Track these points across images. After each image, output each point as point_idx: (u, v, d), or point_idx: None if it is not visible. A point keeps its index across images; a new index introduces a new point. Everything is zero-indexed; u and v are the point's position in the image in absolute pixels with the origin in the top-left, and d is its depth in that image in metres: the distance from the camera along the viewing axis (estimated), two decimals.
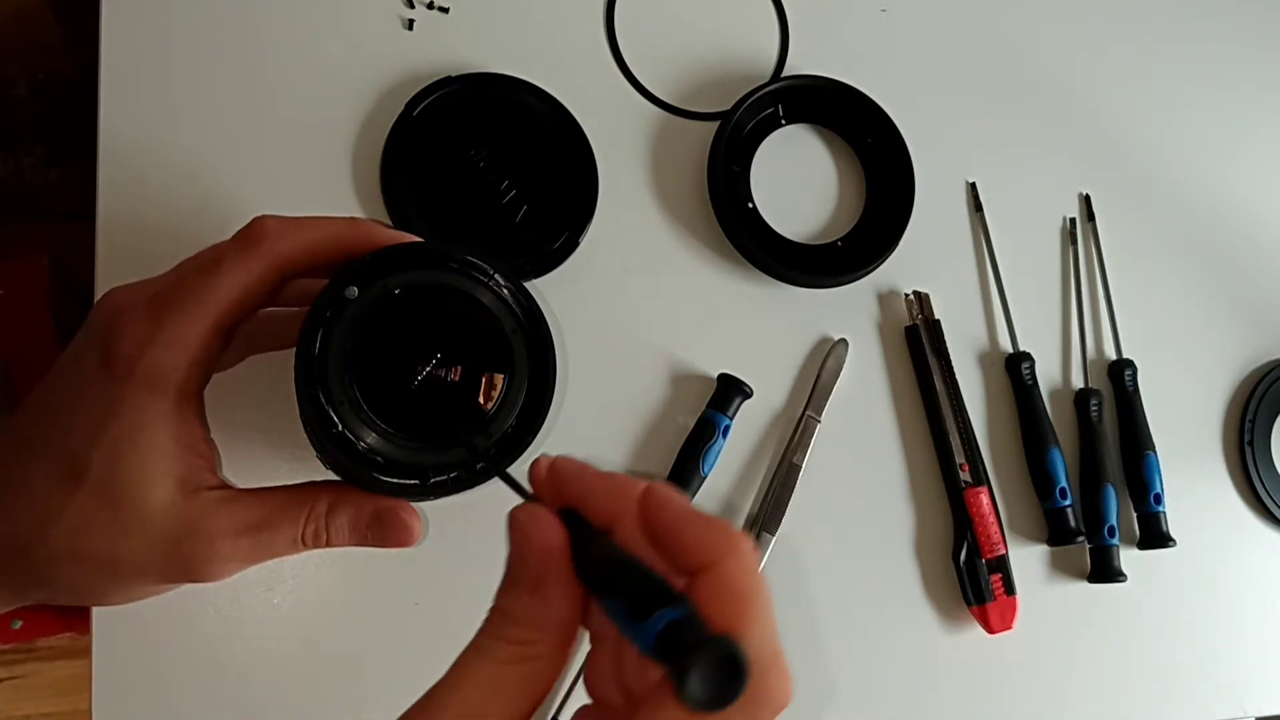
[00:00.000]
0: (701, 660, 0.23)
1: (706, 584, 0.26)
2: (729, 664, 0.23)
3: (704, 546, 0.26)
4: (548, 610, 0.27)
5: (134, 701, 0.47)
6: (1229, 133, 0.72)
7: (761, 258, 0.59)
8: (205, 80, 0.54)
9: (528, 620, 0.27)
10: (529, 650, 0.27)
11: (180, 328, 0.34)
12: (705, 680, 0.23)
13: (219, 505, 0.35)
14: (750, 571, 0.26)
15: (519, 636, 0.27)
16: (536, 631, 0.27)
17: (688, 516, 0.27)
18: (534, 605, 0.27)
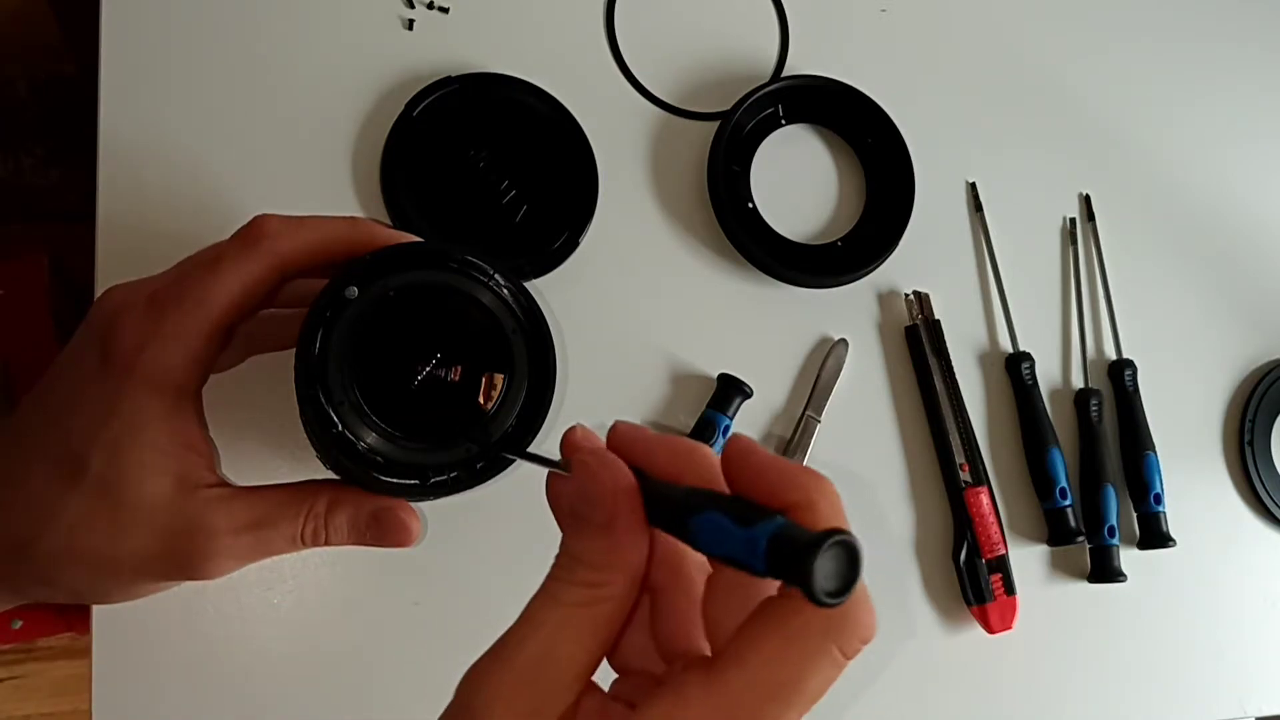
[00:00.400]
0: (827, 551, 0.23)
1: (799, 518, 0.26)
2: (847, 556, 0.23)
3: (796, 486, 0.26)
4: (618, 549, 0.27)
5: (134, 701, 0.47)
6: (1229, 133, 0.72)
7: (761, 258, 0.59)
8: (205, 80, 0.54)
9: (597, 561, 0.27)
10: (599, 592, 0.26)
11: (179, 326, 0.34)
12: (829, 575, 0.23)
13: (218, 503, 0.35)
14: (838, 508, 0.26)
15: (588, 579, 0.27)
16: (606, 573, 0.27)
17: (778, 460, 0.27)
18: (603, 545, 0.27)
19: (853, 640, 0.25)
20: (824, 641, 0.25)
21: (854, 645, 0.25)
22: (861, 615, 0.26)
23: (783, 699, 0.24)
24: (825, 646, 0.25)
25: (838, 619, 0.25)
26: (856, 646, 0.25)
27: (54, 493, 0.34)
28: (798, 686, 0.24)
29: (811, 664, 0.24)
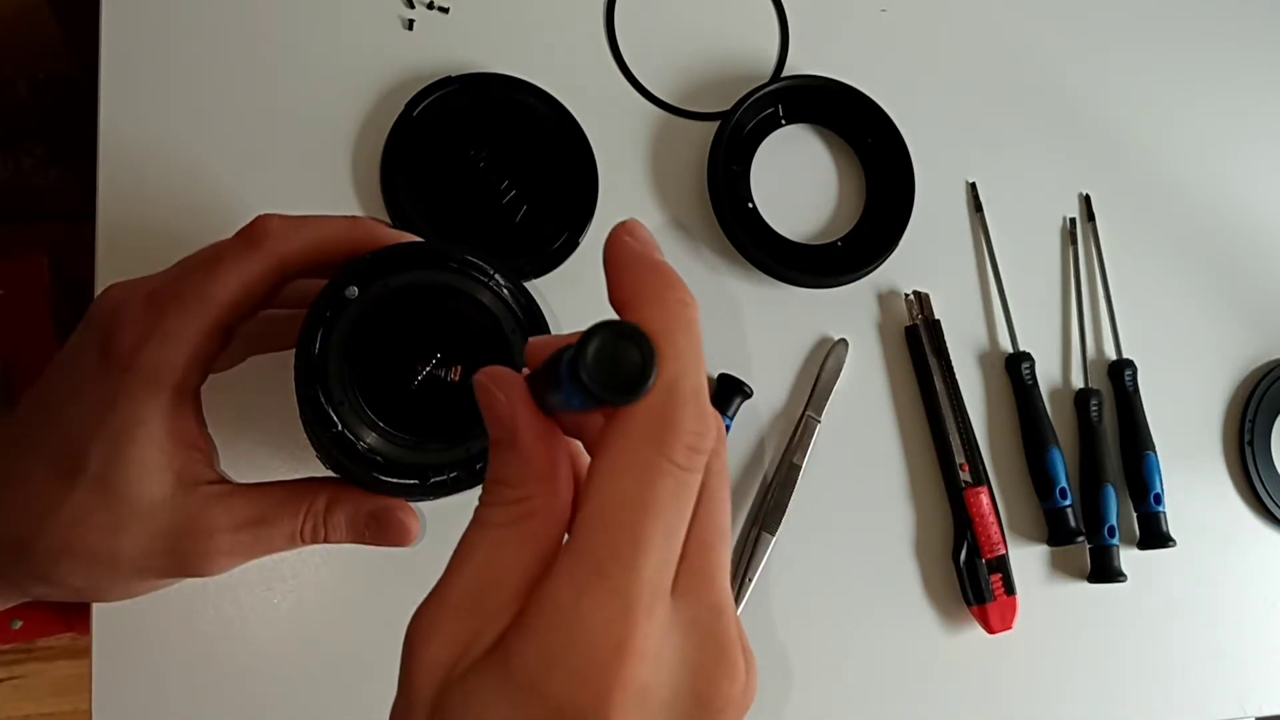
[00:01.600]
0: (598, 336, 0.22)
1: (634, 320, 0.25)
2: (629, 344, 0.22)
3: (634, 288, 0.26)
4: (528, 460, 0.26)
5: (134, 701, 0.47)
6: (1229, 133, 0.72)
7: (761, 258, 0.59)
8: (205, 80, 0.54)
9: (514, 477, 0.27)
10: (524, 508, 0.26)
11: (179, 324, 0.34)
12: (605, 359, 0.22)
13: (217, 500, 0.35)
14: (673, 317, 0.26)
15: (510, 496, 0.26)
16: (525, 486, 0.26)
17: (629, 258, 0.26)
18: (515, 459, 0.27)
19: (677, 445, 0.24)
20: (649, 454, 0.24)
21: (679, 450, 0.24)
22: (680, 417, 0.24)
23: (629, 524, 0.24)
24: (652, 460, 0.24)
25: (653, 427, 0.24)
26: (684, 453, 0.24)
27: (53, 490, 0.34)
28: (638, 505, 0.24)
29: (644, 482, 0.24)
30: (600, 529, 0.24)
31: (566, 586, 0.24)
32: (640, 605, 0.24)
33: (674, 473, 0.24)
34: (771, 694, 0.56)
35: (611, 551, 0.24)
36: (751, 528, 0.56)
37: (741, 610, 0.55)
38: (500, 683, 0.24)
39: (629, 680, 0.24)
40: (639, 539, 0.24)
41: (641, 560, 0.24)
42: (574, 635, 0.24)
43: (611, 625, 0.24)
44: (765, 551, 0.56)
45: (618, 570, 0.24)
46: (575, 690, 0.24)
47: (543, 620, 0.24)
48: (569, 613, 0.24)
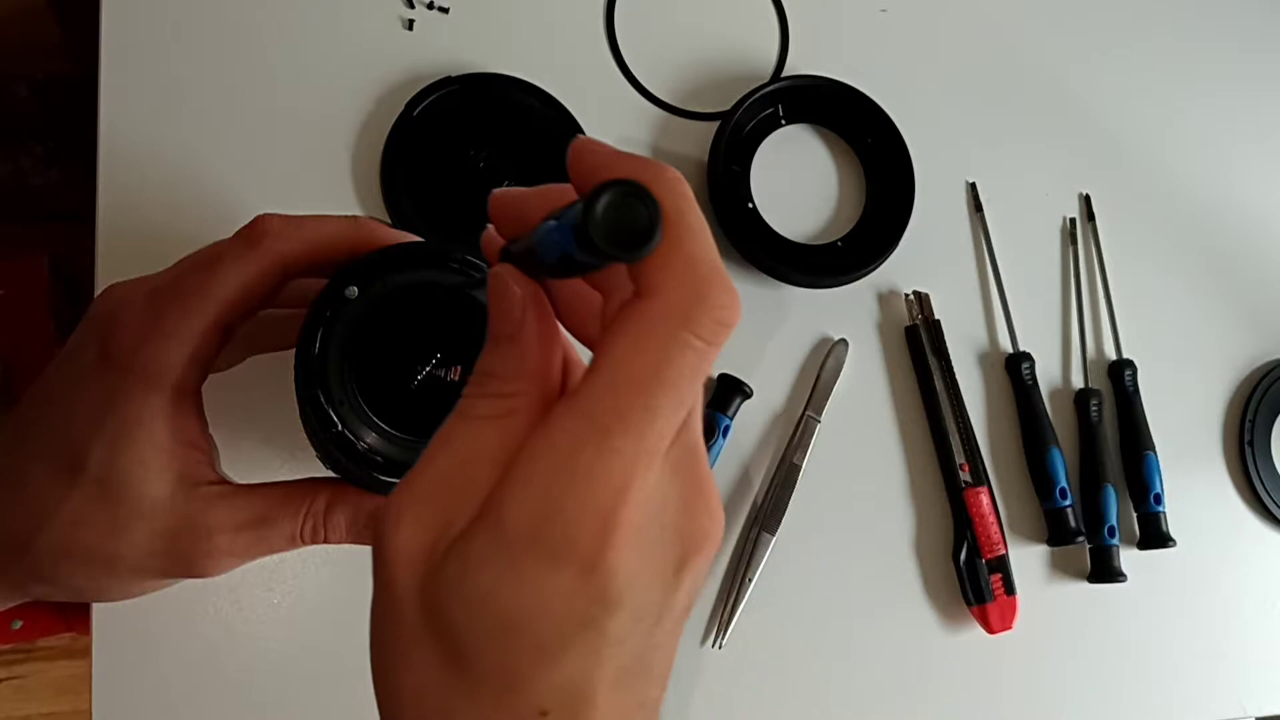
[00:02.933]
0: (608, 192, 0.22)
1: None
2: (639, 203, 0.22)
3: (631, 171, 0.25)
4: (524, 356, 0.26)
5: (134, 701, 0.47)
6: (1229, 133, 0.72)
7: (761, 258, 0.59)
8: (205, 80, 0.54)
9: (505, 372, 0.26)
10: (509, 403, 0.26)
11: (179, 323, 0.34)
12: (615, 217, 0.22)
13: (218, 500, 0.35)
14: (678, 194, 0.26)
15: (497, 390, 0.26)
16: (514, 382, 0.26)
17: (612, 157, 0.26)
18: (511, 354, 0.26)
19: (704, 320, 0.24)
20: (673, 327, 0.24)
21: (707, 326, 0.24)
22: (711, 292, 0.24)
23: (642, 393, 0.24)
24: (675, 332, 0.24)
25: (684, 300, 0.24)
26: (710, 328, 0.24)
27: (53, 490, 0.33)
28: (656, 377, 0.24)
29: (665, 353, 0.24)
30: (610, 392, 0.24)
31: (565, 438, 0.24)
32: (641, 464, 0.24)
33: (696, 346, 0.24)
34: (772, 694, 0.56)
35: (619, 417, 0.24)
36: (751, 528, 0.56)
37: (741, 610, 0.55)
38: (493, 544, 0.24)
39: (627, 523, 0.24)
40: (651, 409, 0.24)
41: (649, 427, 0.24)
42: (571, 486, 0.24)
43: (612, 478, 0.24)
44: (765, 551, 0.56)
45: (621, 433, 0.24)
46: (574, 537, 0.24)
47: (537, 472, 0.24)
48: (566, 464, 0.24)
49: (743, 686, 0.55)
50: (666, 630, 0.27)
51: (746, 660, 0.55)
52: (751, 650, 0.55)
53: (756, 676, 0.55)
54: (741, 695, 0.55)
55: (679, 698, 0.54)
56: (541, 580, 0.24)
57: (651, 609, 0.26)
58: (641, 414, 0.24)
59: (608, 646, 0.25)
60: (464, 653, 0.25)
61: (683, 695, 0.55)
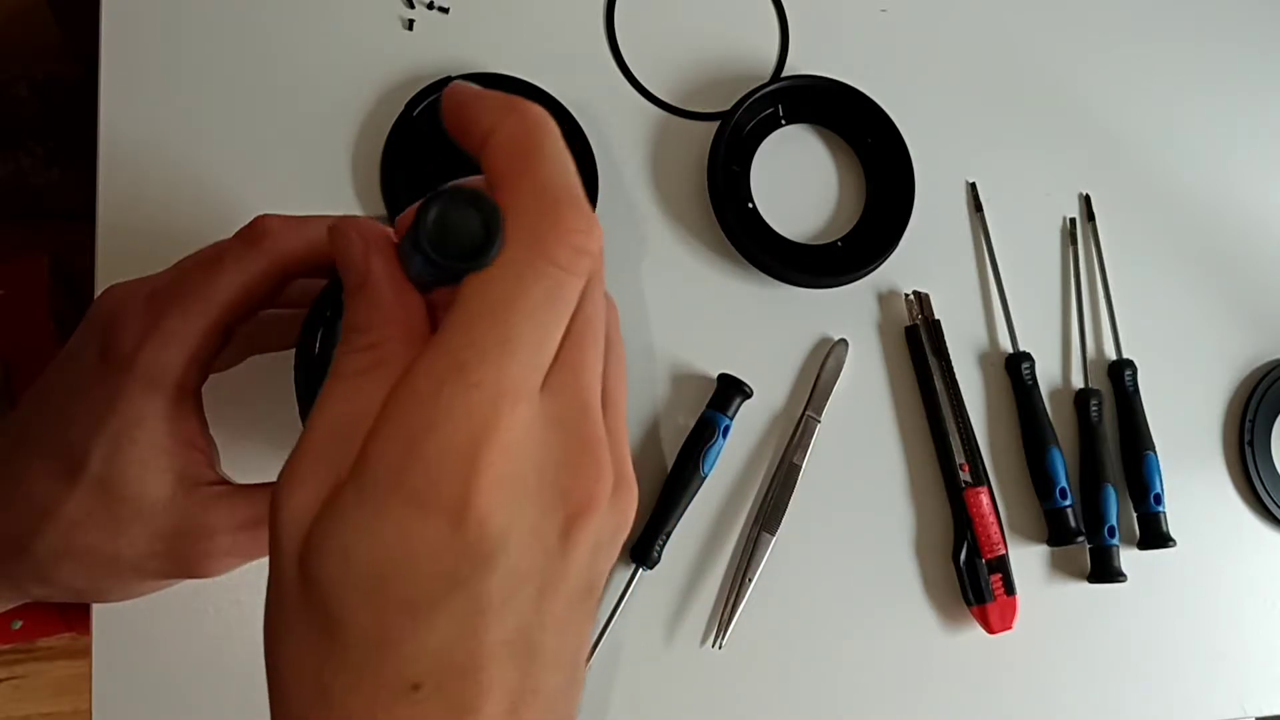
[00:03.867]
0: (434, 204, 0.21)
1: (488, 151, 0.25)
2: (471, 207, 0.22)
3: (485, 116, 0.25)
4: (379, 304, 0.26)
5: (134, 701, 0.47)
6: (1229, 133, 0.72)
7: (761, 258, 0.59)
8: (205, 80, 0.54)
9: (364, 323, 0.26)
10: (377, 354, 0.25)
11: (179, 323, 0.34)
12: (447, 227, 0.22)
13: (218, 500, 0.35)
14: (530, 126, 0.25)
15: (363, 343, 0.25)
16: (377, 331, 0.25)
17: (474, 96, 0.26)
18: (365, 304, 0.26)
19: (559, 248, 0.23)
20: (529, 257, 0.23)
21: (563, 251, 0.23)
22: (563, 216, 0.24)
23: (498, 323, 0.23)
24: (531, 262, 0.23)
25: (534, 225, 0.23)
26: (566, 253, 0.24)
27: (53, 490, 0.33)
28: (509, 306, 0.23)
29: (520, 283, 0.23)
30: (465, 326, 0.23)
31: (425, 379, 0.23)
32: (505, 399, 0.23)
33: (551, 273, 0.23)
34: (772, 694, 0.56)
35: (476, 350, 0.23)
36: (751, 528, 0.56)
37: (742, 610, 0.55)
38: (359, 494, 0.23)
39: (492, 468, 0.23)
40: (507, 338, 0.23)
41: (508, 359, 0.23)
42: (432, 425, 0.23)
43: (472, 415, 0.23)
44: (765, 551, 0.56)
45: (479, 366, 0.23)
46: (436, 479, 0.23)
47: (397, 414, 0.23)
48: (427, 404, 0.23)
49: (743, 686, 0.55)
50: (558, 607, 0.25)
51: (746, 660, 0.55)
52: (751, 650, 0.55)
53: (756, 676, 0.55)
54: (741, 695, 0.55)
55: (679, 698, 0.54)
56: (406, 529, 0.23)
57: (532, 574, 0.24)
58: (499, 345, 0.23)
59: (483, 612, 0.23)
60: (334, 616, 0.24)
61: (683, 695, 0.55)
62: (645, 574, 0.54)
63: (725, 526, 0.57)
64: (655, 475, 0.55)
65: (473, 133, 0.26)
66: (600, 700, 0.53)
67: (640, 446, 0.56)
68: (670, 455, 0.55)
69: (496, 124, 0.25)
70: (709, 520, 0.57)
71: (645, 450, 0.56)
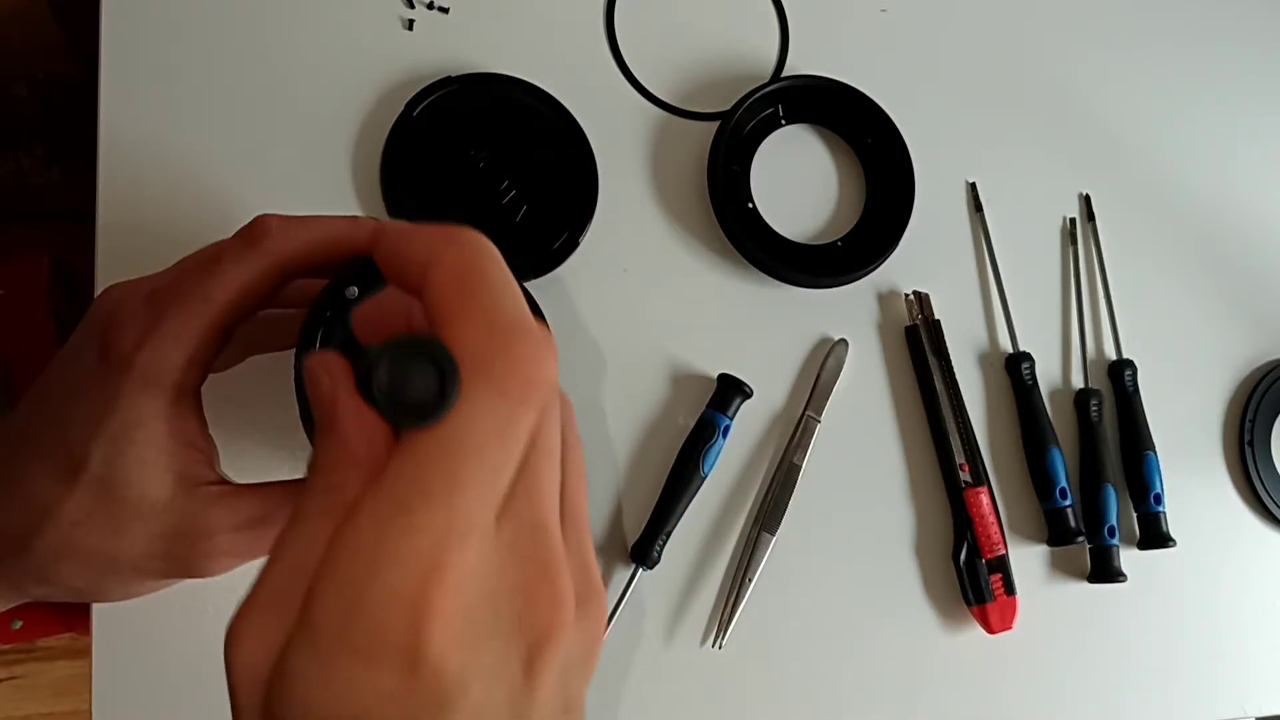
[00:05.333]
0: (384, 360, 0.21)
1: (429, 286, 0.24)
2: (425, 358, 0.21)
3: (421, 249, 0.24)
4: (344, 445, 0.24)
5: (134, 701, 0.47)
6: (1229, 133, 0.72)
7: (761, 258, 0.59)
8: (205, 80, 0.54)
9: (327, 464, 0.25)
10: (334, 496, 0.24)
11: (178, 323, 0.34)
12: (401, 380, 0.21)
13: (218, 500, 0.35)
14: (470, 254, 0.24)
15: (323, 484, 0.24)
16: (337, 473, 0.24)
17: (406, 231, 0.25)
18: (330, 445, 0.25)
19: (509, 379, 0.23)
20: (477, 390, 0.22)
21: (513, 384, 0.23)
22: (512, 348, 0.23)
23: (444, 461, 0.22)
24: (481, 395, 0.22)
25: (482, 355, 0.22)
26: (517, 385, 0.23)
27: (53, 490, 0.34)
28: (457, 443, 0.22)
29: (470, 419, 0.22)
30: (410, 467, 0.22)
31: (367, 522, 0.22)
32: (452, 538, 0.22)
33: (502, 408, 0.23)
34: (772, 694, 0.56)
35: (420, 490, 0.22)
36: (751, 528, 0.56)
37: (742, 610, 0.55)
38: (308, 647, 0.22)
39: (442, 610, 0.22)
40: (457, 479, 0.22)
41: (456, 498, 0.22)
42: (375, 571, 0.22)
43: (417, 558, 0.22)
44: (765, 551, 0.56)
45: (424, 509, 0.22)
46: (382, 628, 0.22)
47: (340, 560, 0.22)
48: (368, 549, 0.22)
49: (743, 686, 0.55)
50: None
51: (746, 660, 0.55)
52: (751, 650, 0.55)
53: (756, 676, 0.55)
54: (741, 695, 0.55)
55: (679, 698, 0.54)
56: (358, 681, 0.22)
57: (499, 711, 0.23)
58: (446, 485, 0.22)
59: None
60: None
61: (683, 695, 0.55)
62: (645, 574, 0.54)
63: (725, 526, 0.57)
64: (655, 475, 0.55)
65: (410, 270, 0.25)
66: (600, 701, 0.53)
67: (640, 446, 0.56)
68: (670, 455, 0.55)
69: (434, 257, 0.24)
70: (709, 520, 0.57)
71: (645, 450, 0.56)
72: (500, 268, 0.25)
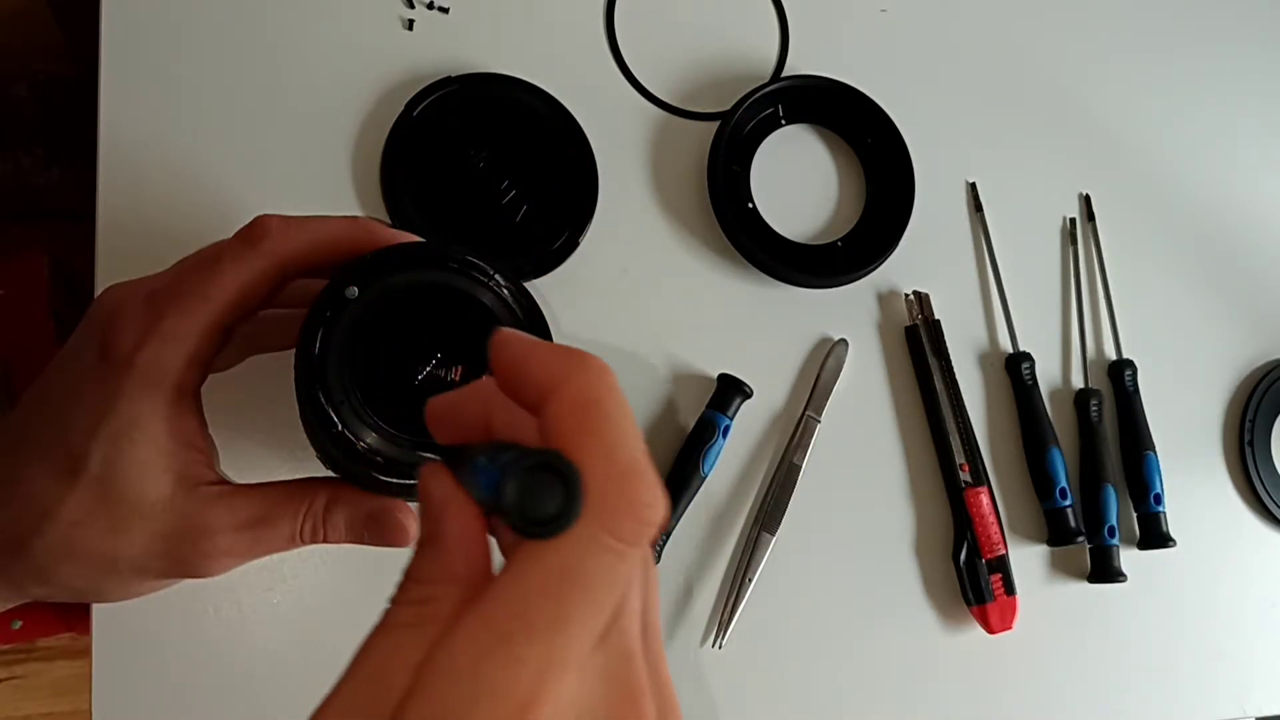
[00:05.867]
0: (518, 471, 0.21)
1: (550, 409, 0.24)
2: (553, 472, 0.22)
3: (548, 371, 0.24)
4: (447, 560, 0.25)
5: (134, 701, 0.47)
6: (1229, 133, 0.72)
7: (761, 258, 0.59)
8: (205, 80, 0.54)
9: (425, 576, 0.25)
10: (427, 609, 0.24)
11: (178, 323, 0.34)
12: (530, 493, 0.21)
13: (217, 500, 0.35)
14: (595, 383, 0.24)
15: (417, 595, 0.25)
16: (433, 586, 0.25)
17: (532, 348, 0.25)
18: (431, 558, 0.25)
19: (624, 521, 0.23)
20: (591, 530, 0.23)
21: (628, 526, 0.23)
22: (632, 489, 0.23)
23: (551, 598, 0.22)
24: (595, 536, 0.23)
25: (602, 497, 0.23)
26: (632, 528, 0.23)
27: (53, 490, 0.34)
28: (567, 582, 0.22)
29: (579, 556, 0.22)
30: (517, 596, 0.23)
31: (466, 650, 0.22)
32: (551, 673, 0.22)
33: (615, 549, 0.23)
34: (772, 694, 0.56)
35: (524, 623, 0.22)
36: (751, 528, 0.56)
37: (742, 610, 0.55)
38: None
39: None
40: (561, 616, 0.23)
41: (559, 636, 0.22)
42: (474, 703, 0.22)
43: (516, 690, 0.22)
44: (765, 551, 0.56)
45: (526, 642, 0.22)
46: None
47: (436, 683, 0.22)
48: (467, 676, 0.22)
49: (743, 686, 0.55)
50: None
51: (746, 660, 0.55)
52: (751, 650, 0.55)
53: (756, 676, 0.55)
54: (741, 695, 0.55)
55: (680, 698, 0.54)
56: None
57: None
58: (550, 621, 0.22)
59: None
60: None
61: (683, 695, 0.54)
62: None
63: (725, 526, 0.57)
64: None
65: (530, 386, 0.25)
66: None
67: None
68: (670, 455, 0.55)
69: (560, 381, 0.24)
70: (709, 520, 0.57)
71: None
72: (622, 402, 0.25)
